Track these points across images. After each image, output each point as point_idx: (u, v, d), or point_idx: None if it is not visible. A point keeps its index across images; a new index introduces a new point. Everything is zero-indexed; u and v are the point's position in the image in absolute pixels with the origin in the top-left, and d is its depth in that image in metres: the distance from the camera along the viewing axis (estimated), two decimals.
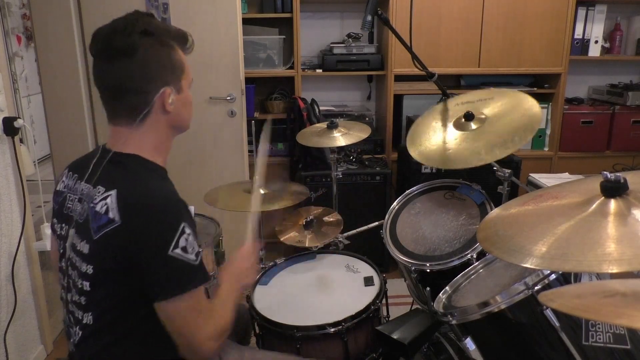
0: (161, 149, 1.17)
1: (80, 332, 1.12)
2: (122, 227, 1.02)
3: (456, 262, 1.50)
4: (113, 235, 1.02)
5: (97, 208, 1.05)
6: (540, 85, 3.28)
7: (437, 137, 1.71)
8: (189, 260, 1.03)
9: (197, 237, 1.07)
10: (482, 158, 1.53)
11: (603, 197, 0.91)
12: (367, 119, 3.25)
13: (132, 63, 1.07)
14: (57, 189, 1.21)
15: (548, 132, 3.32)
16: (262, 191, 1.55)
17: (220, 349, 1.22)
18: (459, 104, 1.80)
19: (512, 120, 1.61)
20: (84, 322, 1.11)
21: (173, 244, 1.01)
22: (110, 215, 1.03)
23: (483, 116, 1.67)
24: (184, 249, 1.02)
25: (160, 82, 1.11)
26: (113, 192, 1.05)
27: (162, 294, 1.03)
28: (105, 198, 1.05)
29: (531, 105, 1.64)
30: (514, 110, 1.65)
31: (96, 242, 1.04)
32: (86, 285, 1.08)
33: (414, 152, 1.71)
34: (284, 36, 3.14)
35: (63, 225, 1.16)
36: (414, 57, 1.81)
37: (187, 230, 1.04)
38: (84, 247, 1.07)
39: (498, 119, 1.65)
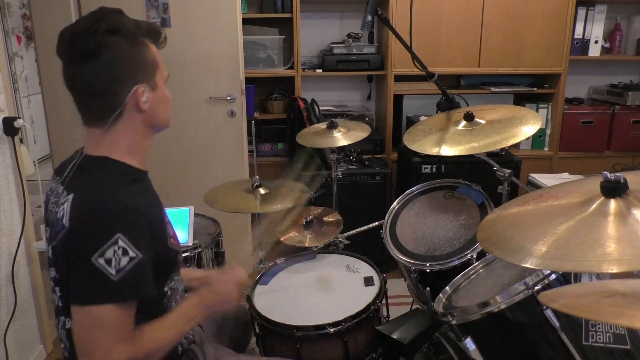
0: (136, 150, 1.12)
1: (67, 336, 1.11)
2: (68, 233, 1.00)
3: (456, 262, 1.50)
4: (64, 241, 1.01)
5: (58, 214, 1.03)
6: (540, 85, 3.28)
7: (435, 135, 1.72)
8: (108, 273, 0.96)
9: (137, 254, 0.99)
10: (475, 148, 1.55)
11: (603, 197, 0.91)
12: (367, 119, 3.25)
13: (98, 64, 1.02)
14: (46, 192, 1.20)
15: (548, 132, 3.32)
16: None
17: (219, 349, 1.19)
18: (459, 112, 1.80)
19: (511, 123, 1.62)
20: (67, 326, 1.09)
21: (98, 252, 0.96)
22: (64, 221, 1.01)
23: (484, 120, 1.68)
24: (108, 261, 0.96)
25: (131, 81, 1.06)
26: (70, 197, 1.03)
27: (75, 299, 0.98)
28: (64, 203, 1.03)
29: (529, 116, 1.64)
30: (514, 118, 1.66)
31: (54, 247, 1.04)
32: (57, 290, 1.08)
33: (410, 144, 1.72)
34: (284, 36, 3.13)
35: (47, 228, 1.15)
36: (414, 57, 1.81)
37: (121, 244, 0.97)
38: (50, 252, 1.07)
39: (498, 121, 1.66)
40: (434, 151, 1.61)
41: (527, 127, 1.57)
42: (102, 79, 1.04)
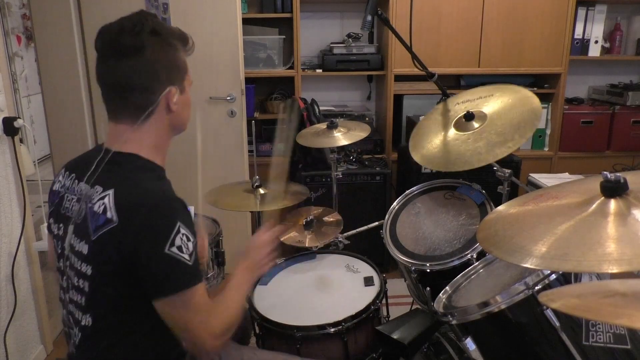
0: (160, 149, 1.18)
1: (80, 334, 1.12)
2: (119, 227, 1.02)
3: (456, 262, 1.50)
4: (111, 235, 1.02)
5: (95, 208, 1.05)
6: (540, 85, 3.28)
7: (438, 140, 1.71)
8: (184, 259, 1.03)
9: (194, 238, 1.07)
10: (482, 158, 1.52)
11: (603, 197, 0.90)
12: (367, 119, 3.25)
13: (140, 61, 1.08)
14: (53, 188, 1.20)
15: (548, 132, 3.32)
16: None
17: (225, 344, 1.22)
18: (459, 103, 1.79)
19: (512, 118, 1.60)
20: (83, 323, 1.10)
21: (169, 242, 1.01)
22: (108, 215, 1.03)
23: (483, 114, 1.67)
24: (180, 248, 1.02)
25: (167, 82, 1.12)
26: (110, 192, 1.05)
27: (159, 292, 1.03)
28: (103, 198, 1.05)
29: (530, 98, 1.62)
30: (514, 107, 1.64)
31: (94, 242, 1.04)
32: (86, 286, 1.08)
33: (416, 156, 1.71)
34: (284, 36, 3.14)
35: (60, 225, 1.15)
36: (414, 57, 1.81)
37: (183, 230, 1.03)
38: (83, 248, 1.07)
39: (499, 117, 1.64)
40: (441, 168, 1.60)
41: (528, 116, 1.56)
42: (143, 75, 1.09)
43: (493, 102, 1.70)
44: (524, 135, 1.52)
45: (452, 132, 1.69)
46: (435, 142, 1.70)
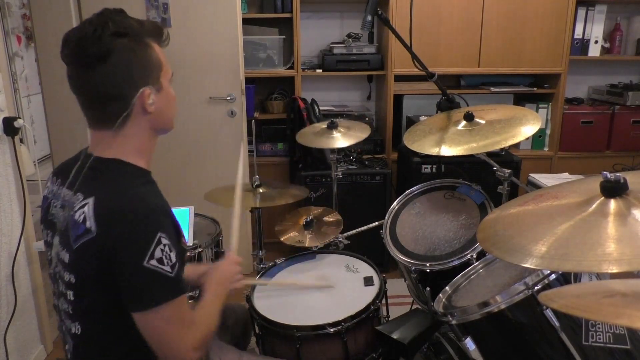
0: (144, 151, 1.12)
1: (72, 342, 1.11)
2: (98, 238, 0.99)
3: (456, 262, 1.50)
4: (90, 246, 0.99)
5: (76, 216, 1.02)
6: (540, 85, 3.28)
7: (434, 132, 1.72)
8: (165, 271, 0.99)
9: (177, 248, 1.03)
10: (473, 148, 1.56)
11: (603, 197, 0.91)
12: (367, 119, 3.25)
13: (107, 68, 1.02)
14: (43, 194, 1.19)
15: (548, 132, 3.32)
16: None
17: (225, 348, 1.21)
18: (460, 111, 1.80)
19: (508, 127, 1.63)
20: (73, 331, 1.09)
21: (148, 255, 0.97)
22: (88, 224, 1.00)
23: (482, 121, 1.68)
24: (160, 260, 0.98)
25: (139, 83, 1.06)
26: (90, 200, 1.01)
27: (138, 305, 1.00)
28: (83, 206, 1.02)
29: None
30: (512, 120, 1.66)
31: (75, 251, 1.02)
32: (70, 295, 1.07)
33: (408, 142, 1.73)
34: (284, 36, 3.14)
35: (48, 232, 1.14)
36: (414, 57, 1.81)
37: (164, 241, 0.99)
38: (65, 256, 1.05)
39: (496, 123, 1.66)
40: (433, 151, 1.61)
41: (527, 127, 1.57)
42: (112, 83, 1.03)
43: (495, 112, 1.71)
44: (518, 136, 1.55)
45: (450, 130, 1.69)
46: (431, 136, 1.71)
